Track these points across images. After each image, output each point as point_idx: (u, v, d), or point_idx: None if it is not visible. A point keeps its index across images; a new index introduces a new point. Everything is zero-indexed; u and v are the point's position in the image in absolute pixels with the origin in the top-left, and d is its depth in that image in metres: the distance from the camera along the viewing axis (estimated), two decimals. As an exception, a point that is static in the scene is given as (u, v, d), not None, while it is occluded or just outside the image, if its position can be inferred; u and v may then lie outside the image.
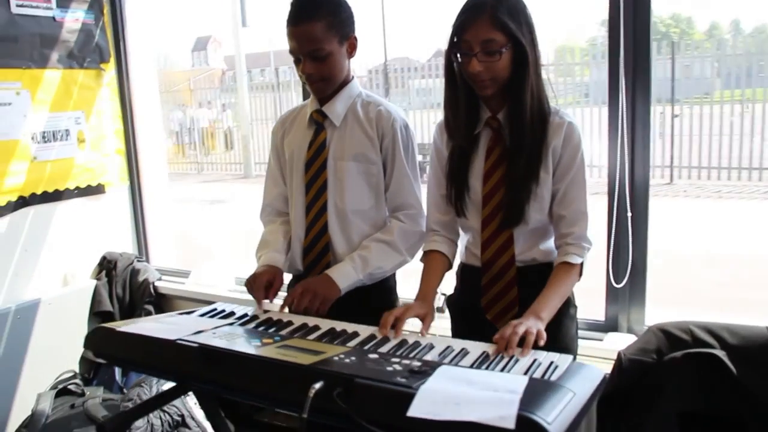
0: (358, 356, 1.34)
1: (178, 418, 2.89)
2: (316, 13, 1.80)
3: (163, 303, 3.54)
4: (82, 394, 3.12)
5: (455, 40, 1.65)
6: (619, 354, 1.88)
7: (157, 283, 3.54)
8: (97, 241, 3.60)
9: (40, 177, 3.27)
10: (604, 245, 2.36)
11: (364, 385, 1.18)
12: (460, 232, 1.91)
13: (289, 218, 2.07)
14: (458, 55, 1.66)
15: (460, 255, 1.94)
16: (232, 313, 1.76)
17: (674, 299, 4.77)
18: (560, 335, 1.76)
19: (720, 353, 1.76)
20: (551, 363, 1.34)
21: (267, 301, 1.86)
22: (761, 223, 7.39)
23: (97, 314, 3.48)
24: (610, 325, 2.49)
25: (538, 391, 1.14)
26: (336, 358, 1.31)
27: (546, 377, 1.26)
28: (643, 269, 2.39)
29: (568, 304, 1.78)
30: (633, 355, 1.87)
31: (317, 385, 1.18)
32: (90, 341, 1.57)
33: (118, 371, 3.39)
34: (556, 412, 1.06)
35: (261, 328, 1.62)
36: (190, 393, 2.27)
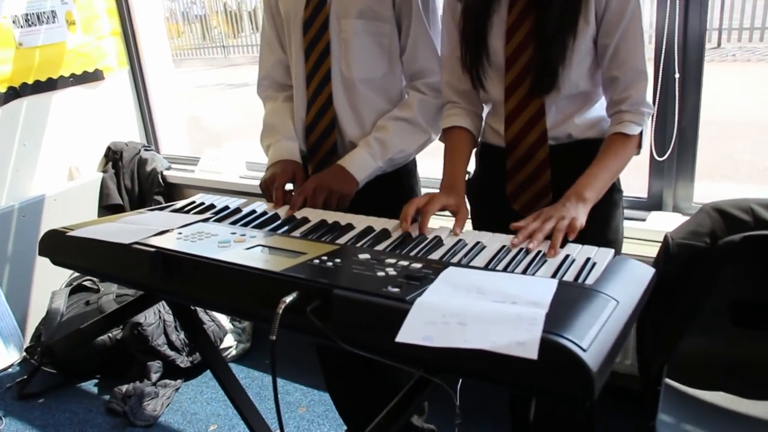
0: (344, 257, 1.07)
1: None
2: None
3: (173, 192, 3.36)
4: (98, 290, 3.01)
5: None
6: (666, 237, 1.67)
7: (165, 173, 3.34)
8: (100, 131, 3.41)
9: (29, 65, 3.02)
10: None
11: (344, 297, 0.92)
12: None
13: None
14: None
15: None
16: (211, 207, 1.50)
17: (723, 173, 4.38)
18: (603, 227, 1.47)
19: None
20: (587, 260, 1.05)
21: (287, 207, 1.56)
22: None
23: (107, 207, 3.34)
24: (653, 203, 2.26)
25: (569, 301, 0.87)
26: (316, 261, 1.05)
27: (580, 280, 0.98)
28: (693, 140, 2.13)
29: (613, 188, 1.47)
30: (683, 238, 1.68)
31: (288, 299, 0.93)
32: (43, 247, 1.34)
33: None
34: (594, 332, 0.79)
35: (239, 225, 1.36)
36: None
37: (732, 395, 1.67)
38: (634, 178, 2.22)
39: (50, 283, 3.09)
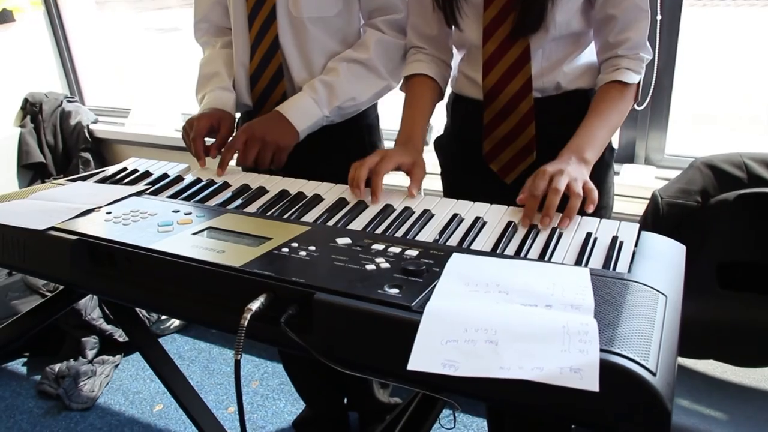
0: (319, 244, 0.86)
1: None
2: None
3: (101, 149, 3.06)
4: (21, 260, 2.71)
5: None
6: (654, 195, 1.57)
7: (92, 126, 3.02)
8: (14, 80, 3.07)
9: (-76, 3, 2.63)
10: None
11: (329, 303, 0.71)
12: (454, 50, 1.38)
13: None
14: None
15: (451, 83, 1.42)
16: (147, 174, 1.25)
17: (695, 122, 4.30)
18: (599, 190, 1.30)
19: None
20: (614, 240, 0.87)
21: (209, 157, 1.34)
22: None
23: (27, 167, 3.03)
24: (626, 155, 2.13)
25: (612, 299, 0.69)
26: (285, 250, 0.84)
27: (612, 267, 0.81)
28: (668, 87, 1.99)
29: (606, 147, 1.28)
30: (672, 197, 1.59)
31: (254, 306, 0.72)
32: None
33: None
34: (656, 345, 0.61)
35: (180, 199, 1.12)
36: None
37: (721, 363, 1.60)
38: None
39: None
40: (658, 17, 1.88)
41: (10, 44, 2.98)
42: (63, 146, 3.06)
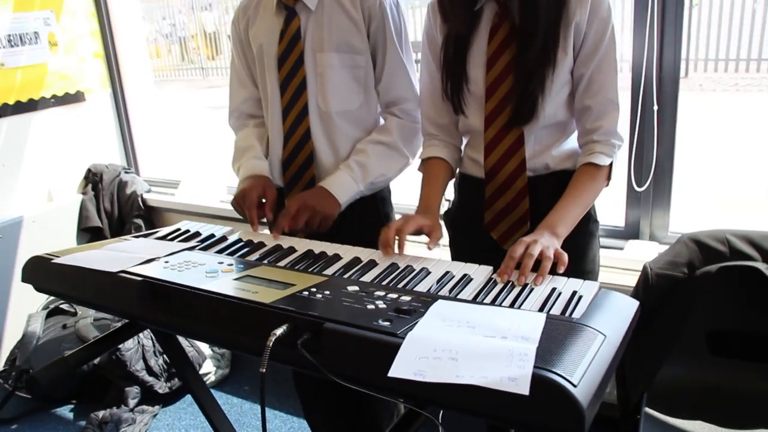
0: (333, 289, 1.08)
1: (171, 339, 2.74)
2: None
3: (152, 216, 3.33)
4: (75, 314, 2.96)
5: None
6: (645, 267, 1.68)
7: (145, 195, 3.32)
8: (81, 153, 3.38)
9: (11, 85, 3.00)
10: (626, 144, 2.09)
11: (336, 331, 0.92)
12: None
13: (264, 122, 1.76)
14: None
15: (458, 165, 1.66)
16: (197, 234, 1.50)
17: (697, 203, 4.46)
18: (579, 257, 1.49)
19: (762, 266, 1.55)
20: (573, 293, 1.07)
21: (264, 220, 1.59)
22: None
23: (86, 230, 3.30)
24: (630, 232, 2.29)
25: (557, 335, 0.88)
26: (305, 293, 1.06)
27: (567, 314, 1.00)
28: (669, 170, 2.17)
29: (589, 219, 1.50)
30: (661, 268, 1.69)
31: (279, 331, 0.93)
32: (27, 273, 1.32)
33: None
34: (583, 368, 0.80)
35: (224, 254, 1.36)
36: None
37: (711, 424, 1.70)
38: (615, 208, 2.27)
39: (27, 306, 3.04)
40: (655, 107, 2.09)
41: (79, 120, 3.31)
42: (118, 213, 3.35)
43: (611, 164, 1.43)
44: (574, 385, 0.76)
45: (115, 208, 3.35)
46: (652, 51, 2.02)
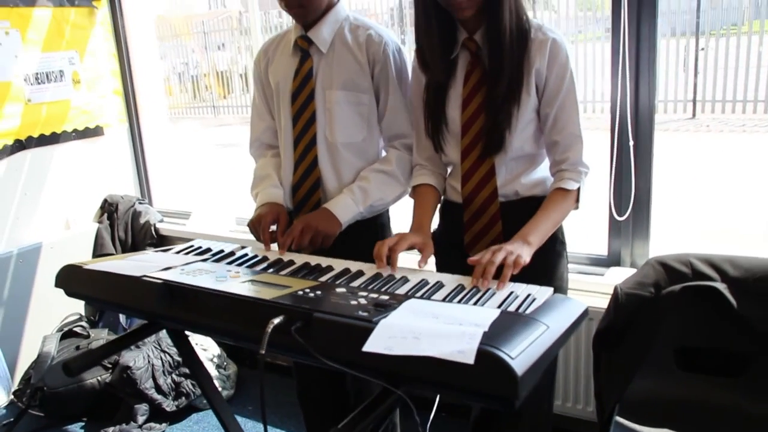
0: (324, 290, 1.27)
1: (179, 359, 2.90)
2: None
3: (164, 245, 3.50)
4: (87, 336, 3.14)
5: None
6: (615, 288, 1.82)
7: (158, 225, 3.52)
8: (98, 183, 3.59)
9: (36, 120, 3.23)
10: (606, 177, 2.28)
11: (323, 319, 1.12)
12: None
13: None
14: None
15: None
16: (208, 250, 1.70)
17: (695, 237, 4.63)
18: (547, 274, 1.68)
19: (720, 286, 1.70)
20: (528, 296, 1.26)
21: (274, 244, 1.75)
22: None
23: (100, 257, 3.46)
24: (612, 260, 2.44)
25: (507, 324, 1.07)
26: (300, 293, 1.25)
27: (520, 310, 1.19)
28: (647, 201, 2.31)
29: (556, 241, 1.69)
30: (630, 289, 1.82)
31: (276, 320, 1.12)
32: (60, 279, 1.53)
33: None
34: (523, 347, 0.99)
35: (233, 265, 1.56)
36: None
37: (676, 432, 1.82)
38: (598, 238, 2.45)
39: (42, 328, 3.21)
40: (631, 143, 2.27)
41: (98, 153, 3.53)
42: (132, 241, 3.54)
43: (579, 189, 1.62)
44: (512, 358, 0.95)
45: (129, 237, 3.54)
46: (625, 91, 2.20)
